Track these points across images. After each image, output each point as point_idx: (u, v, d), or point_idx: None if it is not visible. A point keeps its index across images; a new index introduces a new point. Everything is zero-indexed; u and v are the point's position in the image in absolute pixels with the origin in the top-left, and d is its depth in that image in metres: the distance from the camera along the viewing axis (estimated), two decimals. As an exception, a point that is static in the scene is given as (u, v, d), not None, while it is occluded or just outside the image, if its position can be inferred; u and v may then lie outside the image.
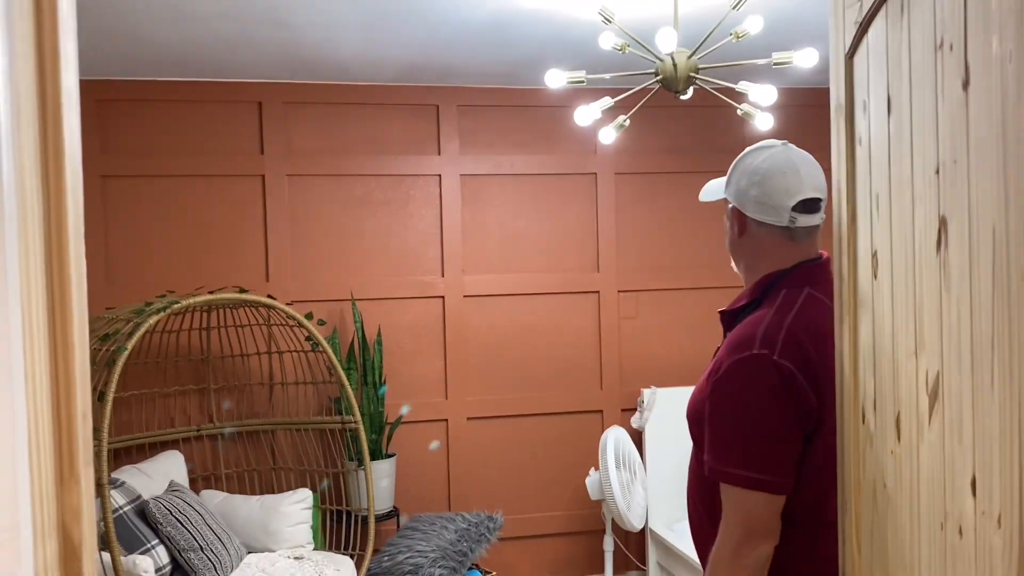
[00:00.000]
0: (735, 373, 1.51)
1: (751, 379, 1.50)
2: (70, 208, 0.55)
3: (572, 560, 4.31)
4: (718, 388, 1.54)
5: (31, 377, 0.50)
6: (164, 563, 3.14)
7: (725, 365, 1.53)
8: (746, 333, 1.54)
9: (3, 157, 0.47)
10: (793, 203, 1.58)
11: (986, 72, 0.79)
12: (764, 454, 1.49)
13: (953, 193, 0.89)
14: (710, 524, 1.63)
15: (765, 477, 1.48)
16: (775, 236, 1.61)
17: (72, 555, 0.56)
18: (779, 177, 1.59)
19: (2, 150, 0.47)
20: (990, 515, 0.82)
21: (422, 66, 3.83)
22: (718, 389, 1.54)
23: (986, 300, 0.80)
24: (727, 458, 1.51)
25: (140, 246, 3.92)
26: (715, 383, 1.54)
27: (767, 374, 1.48)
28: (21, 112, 0.50)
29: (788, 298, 1.58)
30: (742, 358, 1.51)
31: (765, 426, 1.49)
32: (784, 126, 4.25)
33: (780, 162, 1.61)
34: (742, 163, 1.65)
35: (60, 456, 0.55)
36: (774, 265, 1.62)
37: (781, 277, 1.61)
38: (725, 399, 1.53)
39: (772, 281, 1.61)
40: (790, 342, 1.50)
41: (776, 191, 1.59)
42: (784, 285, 1.60)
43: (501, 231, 4.26)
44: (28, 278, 0.50)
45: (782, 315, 1.55)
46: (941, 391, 0.94)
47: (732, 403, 1.52)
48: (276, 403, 4.01)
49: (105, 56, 3.53)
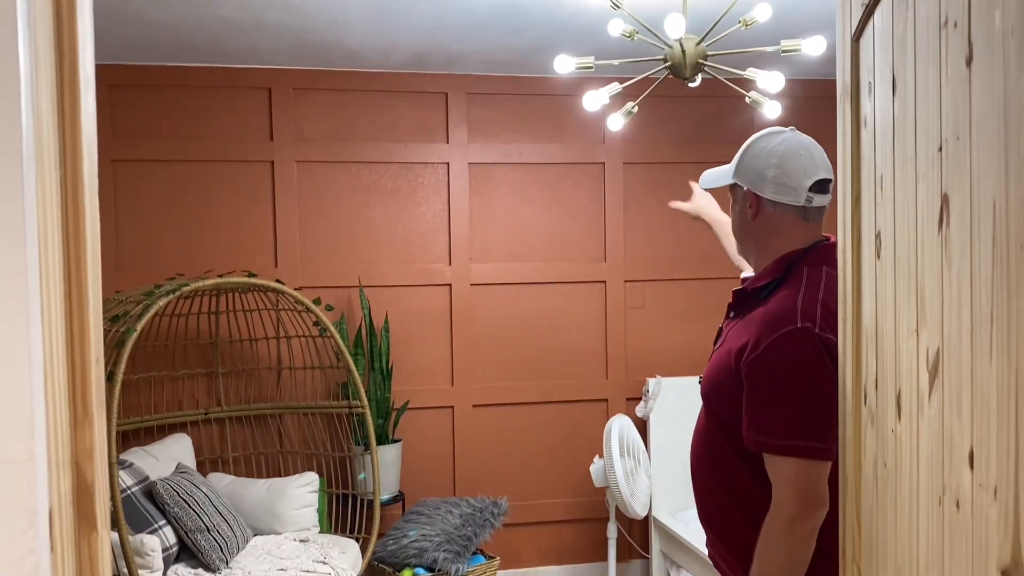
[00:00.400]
0: (781, 348, 1.54)
1: (799, 351, 1.53)
2: (84, 152, 0.56)
3: (576, 547, 4.34)
4: (762, 365, 1.55)
5: (47, 320, 0.52)
6: (171, 543, 3.17)
7: (767, 341, 1.55)
8: (783, 308, 1.58)
9: (22, 99, 0.49)
10: (810, 183, 1.64)
11: (988, 48, 0.80)
12: (817, 423, 1.52)
13: (955, 170, 0.90)
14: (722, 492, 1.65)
15: (820, 445, 1.52)
16: (790, 216, 1.66)
17: (85, 492, 0.58)
18: (796, 158, 1.64)
19: (22, 93, 0.48)
20: (987, 487, 0.83)
21: (431, 53, 3.83)
22: (762, 365, 1.55)
23: (986, 274, 0.81)
24: (777, 431, 1.53)
25: (150, 231, 3.95)
26: (757, 359, 1.56)
27: (814, 345, 1.53)
28: (39, 51, 0.52)
29: (812, 276, 1.63)
30: (787, 332, 1.54)
31: (816, 396, 1.52)
32: (792, 117, 4.25)
33: (795, 144, 1.66)
34: (755, 146, 1.69)
35: (74, 397, 0.57)
36: (791, 245, 1.67)
37: (801, 256, 1.66)
38: (772, 374, 1.55)
39: (792, 260, 1.66)
40: (827, 315, 1.55)
41: (795, 171, 1.64)
42: (805, 263, 1.65)
43: (508, 220, 4.27)
44: (45, 225, 0.52)
45: (814, 291, 1.60)
46: (941, 367, 0.95)
47: (780, 377, 1.54)
48: (284, 387, 4.04)
49: (116, 41, 3.55)
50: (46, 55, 0.54)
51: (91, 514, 0.58)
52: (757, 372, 1.56)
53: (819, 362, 1.52)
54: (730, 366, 1.61)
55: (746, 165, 1.69)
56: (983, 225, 0.82)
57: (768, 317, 1.58)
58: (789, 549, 1.53)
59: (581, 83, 4.11)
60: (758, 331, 1.58)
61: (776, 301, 1.60)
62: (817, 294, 1.59)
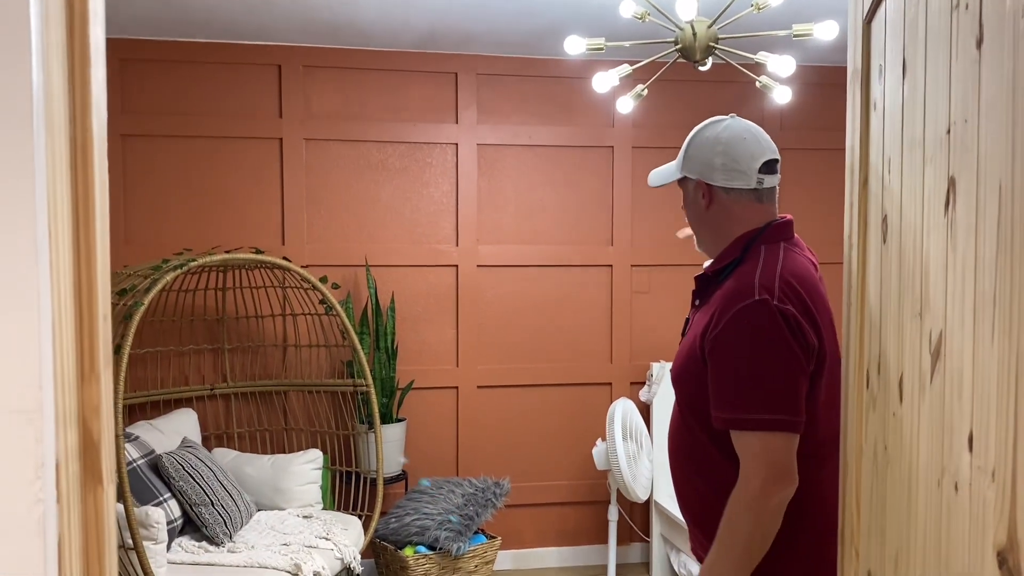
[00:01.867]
0: (739, 321, 1.55)
1: (757, 324, 1.53)
2: (94, 113, 0.57)
3: (577, 529, 4.36)
4: (722, 340, 1.56)
5: (56, 276, 0.53)
6: (176, 516, 3.20)
7: (726, 317, 1.56)
8: (741, 283, 1.59)
9: (33, 59, 0.49)
10: (759, 164, 1.67)
11: (999, 29, 0.80)
12: (780, 394, 1.52)
13: (963, 153, 0.90)
14: (700, 481, 1.66)
15: (784, 417, 1.51)
16: (744, 200, 1.69)
17: (91, 447, 0.59)
18: (741, 142, 1.68)
19: (32, 54, 0.49)
20: (985, 469, 0.83)
21: (442, 33, 3.82)
22: (722, 341, 1.56)
23: (990, 256, 0.81)
24: (741, 405, 1.53)
25: (158, 206, 3.96)
26: (717, 336, 1.57)
27: (771, 317, 1.53)
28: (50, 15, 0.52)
29: (770, 252, 1.65)
30: (745, 306, 1.55)
31: (778, 367, 1.52)
32: (802, 102, 4.22)
33: (739, 130, 1.70)
34: (699, 137, 1.72)
35: (81, 353, 0.57)
36: (747, 226, 1.69)
37: (757, 236, 1.68)
38: (732, 348, 1.55)
39: (750, 240, 1.68)
40: (785, 287, 1.57)
41: (742, 155, 1.67)
42: (762, 242, 1.67)
43: (516, 202, 4.27)
44: (55, 183, 0.53)
45: (771, 265, 1.61)
46: (943, 350, 0.95)
47: (741, 350, 1.55)
48: (289, 365, 4.06)
49: (128, 16, 3.55)
50: (57, 19, 0.54)
51: (97, 469, 0.59)
52: (717, 348, 1.56)
53: (776, 334, 1.52)
54: (695, 349, 1.62)
55: (692, 157, 1.71)
56: (988, 208, 0.82)
57: (727, 294, 1.59)
58: (754, 526, 1.52)
59: (591, 66, 4.09)
60: (718, 309, 1.58)
61: (734, 279, 1.62)
62: (775, 269, 1.60)
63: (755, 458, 1.52)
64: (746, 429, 1.53)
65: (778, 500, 1.52)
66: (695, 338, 1.64)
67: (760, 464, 1.52)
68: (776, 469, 1.52)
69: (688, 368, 1.65)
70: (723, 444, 1.60)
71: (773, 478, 1.51)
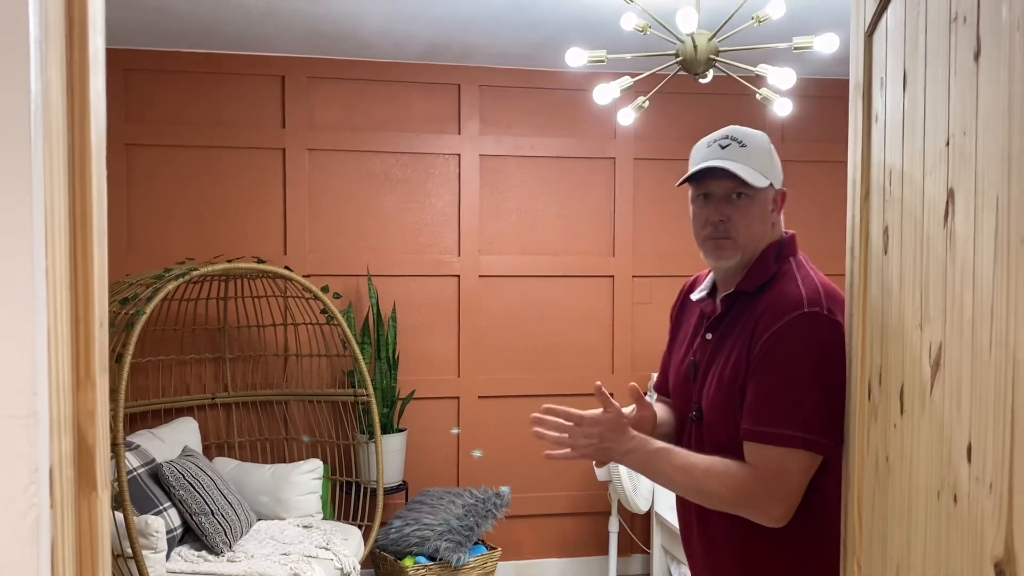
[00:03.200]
0: (792, 332, 1.47)
1: (809, 337, 1.47)
2: (92, 121, 0.57)
3: (577, 540, 4.35)
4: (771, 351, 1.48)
5: (52, 282, 0.53)
6: (176, 525, 3.20)
7: (775, 327, 1.48)
8: (787, 295, 1.52)
9: (32, 66, 0.50)
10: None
11: (996, 42, 0.80)
12: (826, 417, 1.44)
13: (961, 164, 0.90)
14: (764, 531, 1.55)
15: (825, 440, 1.44)
16: None
17: (86, 454, 0.59)
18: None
19: (31, 61, 0.49)
20: (983, 480, 0.83)
21: (444, 45, 3.84)
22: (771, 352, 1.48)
23: (987, 267, 0.82)
24: (783, 420, 1.45)
25: (161, 215, 3.97)
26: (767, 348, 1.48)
27: (821, 330, 1.47)
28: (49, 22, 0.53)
29: (798, 264, 1.61)
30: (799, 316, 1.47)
31: (830, 387, 1.44)
32: (802, 115, 4.23)
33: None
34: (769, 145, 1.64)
35: (77, 359, 0.58)
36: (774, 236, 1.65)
37: (781, 248, 1.63)
38: (781, 360, 1.47)
39: (776, 252, 1.63)
40: (828, 298, 1.51)
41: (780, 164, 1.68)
42: (785, 254, 1.63)
43: (518, 212, 4.28)
44: (52, 190, 0.53)
45: (810, 277, 1.56)
46: (943, 360, 0.95)
47: (793, 366, 1.47)
48: (290, 374, 4.06)
49: (132, 26, 3.57)
50: (56, 26, 0.55)
51: (91, 475, 0.59)
52: (765, 359, 1.49)
53: (831, 349, 1.46)
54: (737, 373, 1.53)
55: (775, 166, 1.64)
56: (986, 220, 0.83)
57: (771, 305, 1.52)
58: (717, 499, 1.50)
59: (593, 78, 4.10)
60: (762, 321, 1.51)
61: (776, 290, 1.55)
62: (814, 280, 1.55)
63: (778, 476, 1.45)
64: (783, 445, 1.45)
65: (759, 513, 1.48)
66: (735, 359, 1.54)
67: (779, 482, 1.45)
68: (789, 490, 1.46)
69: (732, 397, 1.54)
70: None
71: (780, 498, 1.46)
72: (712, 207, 1.60)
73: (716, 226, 1.60)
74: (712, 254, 1.62)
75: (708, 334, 1.65)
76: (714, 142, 1.62)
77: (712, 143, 1.62)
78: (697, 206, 1.65)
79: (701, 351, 1.65)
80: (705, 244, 1.63)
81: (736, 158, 1.58)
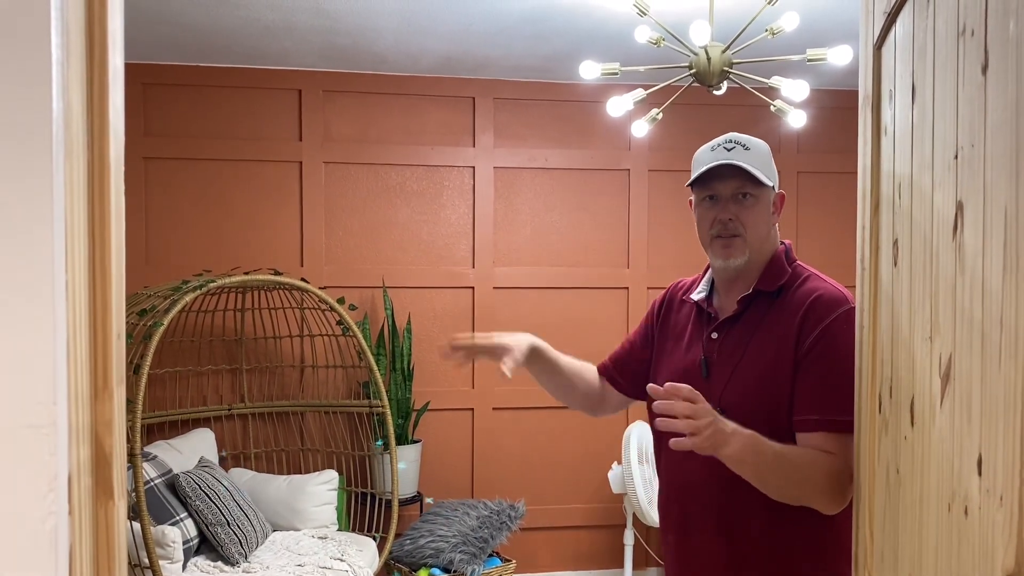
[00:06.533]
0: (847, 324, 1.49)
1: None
2: (112, 139, 0.59)
3: (592, 553, 4.33)
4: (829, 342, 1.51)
5: (72, 295, 0.55)
6: (192, 536, 3.22)
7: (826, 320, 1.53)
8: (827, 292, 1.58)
9: (54, 87, 0.51)
10: None
11: (1004, 55, 0.81)
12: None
13: (970, 177, 0.91)
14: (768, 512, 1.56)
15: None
16: None
17: (104, 462, 0.60)
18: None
19: (53, 81, 0.51)
20: (994, 493, 0.83)
21: (459, 58, 3.87)
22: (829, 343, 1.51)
23: (997, 280, 0.82)
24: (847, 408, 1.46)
25: (179, 228, 4.01)
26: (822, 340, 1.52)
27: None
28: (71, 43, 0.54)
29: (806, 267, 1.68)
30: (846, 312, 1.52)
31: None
32: (816, 126, 4.23)
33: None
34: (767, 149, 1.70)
35: (95, 370, 0.59)
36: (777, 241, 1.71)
37: (789, 251, 1.70)
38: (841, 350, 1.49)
39: (786, 255, 1.68)
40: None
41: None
42: (793, 258, 1.69)
43: (533, 224, 4.29)
44: (72, 206, 0.55)
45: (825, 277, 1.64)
46: (953, 373, 0.95)
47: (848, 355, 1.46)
48: (306, 385, 4.08)
49: (152, 41, 3.62)
50: (77, 47, 0.57)
51: (108, 483, 0.61)
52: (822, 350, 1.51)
53: None
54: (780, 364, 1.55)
55: (775, 171, 1.70)
56: (995, 232, 0.83)
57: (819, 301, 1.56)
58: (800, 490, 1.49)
59: (608, 90, 4.12)
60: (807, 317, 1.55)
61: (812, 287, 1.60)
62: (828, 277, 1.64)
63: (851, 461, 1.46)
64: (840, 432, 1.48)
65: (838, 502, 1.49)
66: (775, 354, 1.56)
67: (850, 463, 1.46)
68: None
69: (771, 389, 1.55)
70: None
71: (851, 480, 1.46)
72: (720, 206, 1.63)
73: (725, 224, 1.62)
74: (721, 254, 1.64)
75: (714, 333, 1.67)
76: (718, 146, 1.66)
77: (716, 147, 1.66)
78: (704, 208, 1.67)
79: (710, 349, 1.67)
80: (713, 244, 1.65)
81: (742, 159, 1.62)
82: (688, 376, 1.68)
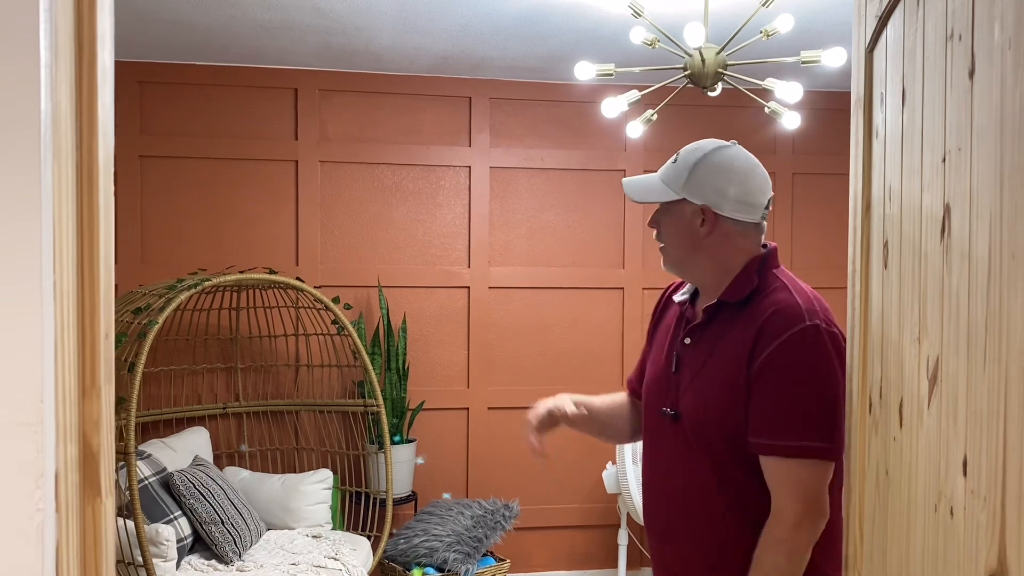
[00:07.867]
0: (796, 345, 1.50)
1: (813, 349, 1.50)
2: (100, 139, 0.59)
3: (586, 553, 4.34)
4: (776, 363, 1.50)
5: (60, 295, 0.55)
6: (186, 534, 3.22)
7: (778, 340, 1.50)
8: (784, 308, 1.53)
9: (42, 86, 0.52)
10: (767, 201, 1.62)
11: (989, 60, 0.81)
12: (832, 423, 1.48)
13: (957, 180, 0.91)
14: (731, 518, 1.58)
15: (836, 447, 1.48)
16: (747, 231, 1.62)
17: (91, 460, 0.61)
18: (754, 176, 1.61)
19: (42, 80, 0.51)
20: (978, 493, 0.84)
21: (455, 58, 3.87)
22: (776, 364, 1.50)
23: (982, 282, 0.83)
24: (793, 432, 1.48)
25: (174, 226, 4.01)
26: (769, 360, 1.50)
27: (823, 342, 1.50)
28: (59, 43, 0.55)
29: (785, 275, 1.62)
30: (802, 329, 1.50)
31: (833, 395, 1.49)
32: (811, 128, 4.24)
33: (751, 162, 1.63)
34: (708, 163, 1.60)
35: (83, 369, 0.60)
36: (749, 254, 1.63)
37: (764, 261, 1.63)
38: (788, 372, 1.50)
39: (759, 265, 1.62)
40: (823, 309, 1.55)
41: (755, 190, 1.60)
42: (768, 266, 1.63)
43: (528, 224, 4.30)
44: (60, 206, 0.55)
45: (800, 288, 1.58)
46: (940, 375, 0.96)
47: (798, 375, 1.49)
48: (301, 384, 4.08)
49: (148, 40, 3.62)
50: (66, 46, 0.57)
51: (96, 481, 0.61)
52: (770, 371, 1.50)
53: (830, 360, 1.50)
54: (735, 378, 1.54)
55: (699, 181, 1.59)
56: (980, 234, 0.84)
57: (770, 318, 1.53)
58: (790, 557, 1.49)
59: (603, 90, 4.12)
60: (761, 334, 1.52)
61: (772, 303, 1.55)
62: (806, 291, 1.58)
63: (797, 485, 1.48)
64: (794, 456, 1.48)
65: (815, 531, 1.49)
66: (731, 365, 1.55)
67: (799, 494, 1.48)
68: (818, 501, 1.49)
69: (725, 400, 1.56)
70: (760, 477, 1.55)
71: (812, 511, 1.49)
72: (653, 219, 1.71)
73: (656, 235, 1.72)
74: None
75: (687, 339, 1.66)
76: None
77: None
78: None
79: (681, 351, 1.68)
80: None
81: (660, 173, 1.67)
82: (662, 379, 1.71)
